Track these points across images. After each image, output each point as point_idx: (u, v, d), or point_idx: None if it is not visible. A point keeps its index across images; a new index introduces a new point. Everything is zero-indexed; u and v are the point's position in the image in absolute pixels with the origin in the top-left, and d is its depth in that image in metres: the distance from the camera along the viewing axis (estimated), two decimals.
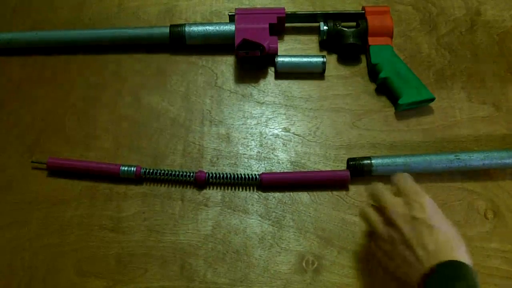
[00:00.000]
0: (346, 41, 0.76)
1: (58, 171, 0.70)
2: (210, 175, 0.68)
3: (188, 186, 0.69)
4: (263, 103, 0.76)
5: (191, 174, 0.68)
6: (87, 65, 0.79)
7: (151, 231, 0.66)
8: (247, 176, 0.68)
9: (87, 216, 0.67)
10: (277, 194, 0.68)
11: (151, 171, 0.69)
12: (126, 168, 0.68)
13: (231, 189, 0.69)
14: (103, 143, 0.72)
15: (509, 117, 0.74)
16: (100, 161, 0.70)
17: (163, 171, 0.69)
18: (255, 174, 0.68)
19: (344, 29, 0.77)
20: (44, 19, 0.84)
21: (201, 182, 0.68)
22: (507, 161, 0.67)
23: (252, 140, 0.73)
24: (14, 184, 0.70)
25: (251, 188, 0.69)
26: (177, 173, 0.68)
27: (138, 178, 0.69)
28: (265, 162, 0.71)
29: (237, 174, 0.68)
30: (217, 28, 0.77)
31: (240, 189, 0.69)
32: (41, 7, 0.85)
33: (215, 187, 0.69)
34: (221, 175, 0.68)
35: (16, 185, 0.69)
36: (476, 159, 0.67)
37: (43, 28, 0.82)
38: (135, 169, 0.68)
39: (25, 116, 0.75)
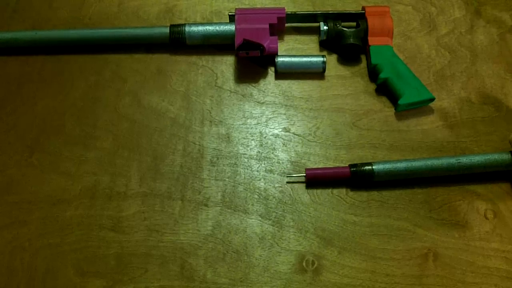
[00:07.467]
0: (346, 41, 0.76)
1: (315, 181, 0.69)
2: None
3: (188, 186, 0.69)
4: (263, 103, 0.76)
5: None
6: (87, 65, 0.79)
7: (151, 231, 0.66)
8: None
9: (87, 216, 0.67)
10: (277, 194, 0.68)
11: None
12: None
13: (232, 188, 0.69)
14: (103, 143, 0.72)
15: (509, 117, 0.74)
16: (100, 160, 0.70)
17: None
18: None
19: (344, 29, 0.77)
20: (44, 19, 0.84)
21: None
22: (508, 163, 0.67)
23: (252, 140, 0.73)
24: (14, 184, 0.69)
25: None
26: None
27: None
28: (265, 162, 0.71)
29: None
30: (217, 28, 0.77)
31: (242, 189, 0.69)
32: (41, 7, 0.85)
33: (214, 187, 0.69)
34: None
35: (16, 185, 0.69)
36: (477, 162, 0.67)
37: (43, 28, 0.82)
38: None
39: (25, 116, 0.75)
